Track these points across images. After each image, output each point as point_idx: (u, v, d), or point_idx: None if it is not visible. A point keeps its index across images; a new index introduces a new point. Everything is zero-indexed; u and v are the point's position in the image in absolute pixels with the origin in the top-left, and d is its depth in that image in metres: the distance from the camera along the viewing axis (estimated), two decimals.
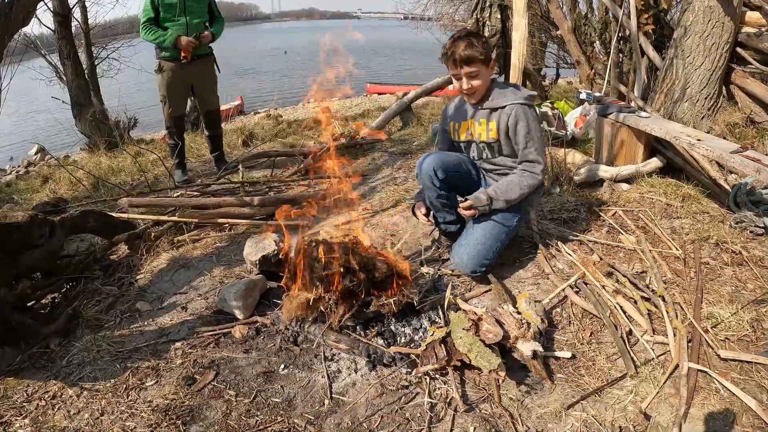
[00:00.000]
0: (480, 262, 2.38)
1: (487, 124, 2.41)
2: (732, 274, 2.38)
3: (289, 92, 19.03)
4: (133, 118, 10.10)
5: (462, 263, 2.41)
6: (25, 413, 1.82)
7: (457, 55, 2.23)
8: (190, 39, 3.87)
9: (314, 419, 1.71)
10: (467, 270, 2.40)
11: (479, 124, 2.44)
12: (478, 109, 2.43)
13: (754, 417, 1.61)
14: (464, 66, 2.26)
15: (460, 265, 2.43)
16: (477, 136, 2.47)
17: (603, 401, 1.72)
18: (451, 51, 2.26)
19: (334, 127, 5.10)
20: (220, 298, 2.30)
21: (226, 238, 3.06)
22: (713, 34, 3.68)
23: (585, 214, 3.06)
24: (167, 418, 1.73)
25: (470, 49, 2.21)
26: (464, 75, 2.29)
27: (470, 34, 2.26)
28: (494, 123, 2.39)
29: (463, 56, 2.23)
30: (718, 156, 2.76)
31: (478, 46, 2.22)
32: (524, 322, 1.92)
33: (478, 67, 2.26)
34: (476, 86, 2.32)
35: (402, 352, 1.95)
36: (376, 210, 3.38)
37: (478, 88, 2.33)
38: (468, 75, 2.28)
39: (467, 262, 2.38)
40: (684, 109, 3.90)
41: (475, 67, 2.25)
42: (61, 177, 5.17)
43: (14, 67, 5.92)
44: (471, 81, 2.30)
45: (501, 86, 2.41)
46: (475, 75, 2.28)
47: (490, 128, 2.41)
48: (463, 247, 2.43)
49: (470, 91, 2.34)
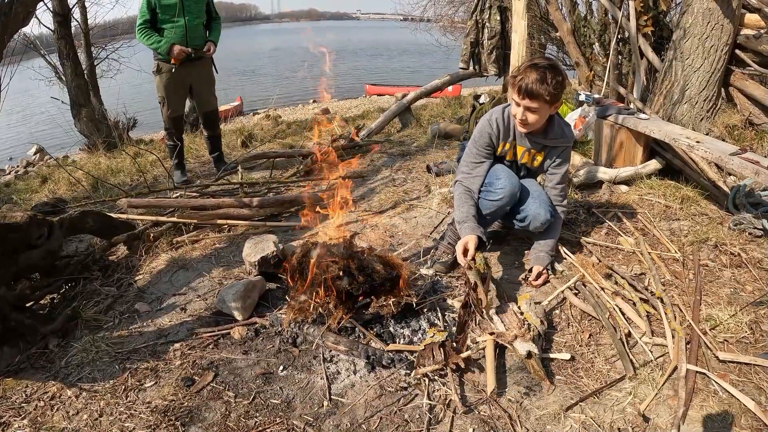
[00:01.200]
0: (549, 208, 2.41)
1: (535, 155, 2.45)
2: (731, 276, 2.39)
3: (289, 93, 19.04)
4: (132, 119, 10.11)
5: (538, 212, 2.39)
6: (23, 414, 1.82)
7: (524, 85, 2.11)
8: (182, 48, 3.88)
9: (313, 420, 1.71)
10: (546, 217, 2.39)
11: (528, 153, 2.45)
12: (532, 141, 2.39)
13: (752, 418, 1.61)
14: (526, 99, 2.14)
15: (536, 215, 2.40)
16: (521, 160, 2.49)
17: (602, 403, 1.73)
18: (521, 78, 2.13)
19: (333, 129, 5.10)
20: (219, 299, 2.30)
21: (225, 239, 3.06)
22: (712, 36, 3.69)
23: (584, 215, 3.06)
24: (166, 419, 1.73)
25: (540, 85, 2.08)
26: (523, 106, 2.18)
27: (550, 67, 2.11)
28: (542, 156, 2.44)
29: (529, 90, 2.11)
30: (717, 158, 2.77)
31: (549, 84, 2.08)
32: (526, 323, 1.93)
33: (541, 105, 2.14)
34: (531, 121, 2.22)
35: (401, 351, 1.95)
36: (374, 211, 3.38)
37: (532, 123, 2.23)
38: (527, 108, 2.18)
39: (542, 210, 2.38)
40: (683, 110, 3.90)
41: (536, 104, 2.14)
42: (60, 177, 5.17)
43: (14, 67, 5.91)
44: (528, 114, 2.19)
45: (560, 125, 2.38)
46: (534, 110, 2.18)
47: (536, 159, 2.46)
48: (530, 203, 2.43)
49: (523, 123, 2.24)
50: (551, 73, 2.09)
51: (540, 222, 2.40)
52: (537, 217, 2.40)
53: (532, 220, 2.43)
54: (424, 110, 7.91)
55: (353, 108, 15.26)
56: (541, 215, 2.39)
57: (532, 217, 2.42)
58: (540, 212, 2.39)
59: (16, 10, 2.74)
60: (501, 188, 2.35)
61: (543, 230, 2.47)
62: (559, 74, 2.13)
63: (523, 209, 2.46)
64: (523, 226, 2.51)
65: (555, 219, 2.47)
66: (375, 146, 2.87)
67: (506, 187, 2.34)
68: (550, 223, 2.43)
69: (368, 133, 5.88)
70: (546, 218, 2.39)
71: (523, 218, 2.47)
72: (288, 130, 8.09)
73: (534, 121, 2.22)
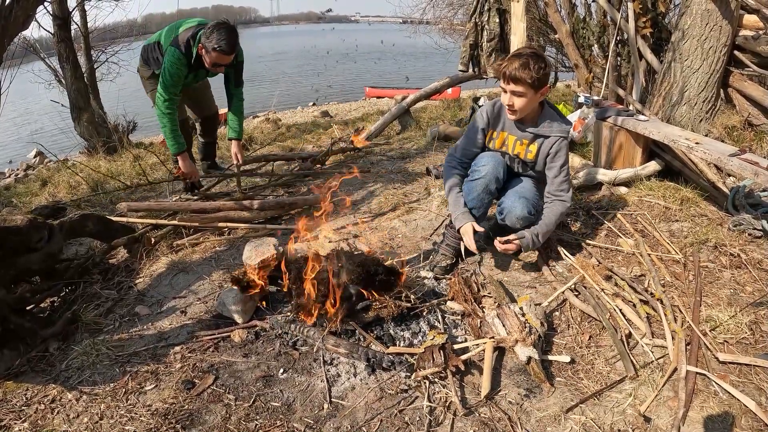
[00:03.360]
0: (528, 205, 2.43)
1: (528, 146, 2.46)
2: (730, 277, 2.39)
3: (288, 95, 19.06)
4: (132, 122, 10.10)
5: (513, 206, 2.43)
6: (24, 417, 1.82)
7: (508, 71, 2.23)
8: (192, 168, 3.59)
9: (313, 423, 1.71)
10: (523, 213, 2.41)
11: (520, 143, 2.47)
12: (523, 130, 2.44)
13: (752, 419, 1.62)
14: (511, 83, 2.24)
15: (511, 208, 2.44)
16: (513, 151, 2.50)
17: (602, 404, 1.73)
18: (506, 65, 2.25)
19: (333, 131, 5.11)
20: (220, 302, 2.30)
21: (225, 242, 3.06)
22: (711, 38, 3.70)
23: (583, 217, 3.06)
24: (166, 422, 1.73)
25: (523, 70, 2.18)
26: (509, 91, 2.28)
27: (533, 55, 2.22)
28: (535, 147, 2.45)
29: (512, 75, 2.21)
30: (717, 159, 2.77)
31: (532, 69, 2.18)
32: (527, 326, 1.93)
33: (525, 89, 2.23)
34: (518, 106, 2.30)
35: (401, 353, 1.95)
36: (375, 214, 3.38)
37: (520, 108, 2.31)
38: (513, 92, 2.27)
39: (519, 204, 2.42)
40: (682, 112, 3.91)
41: (521, 88, 2.23)
42: (60, 180, 5.16)
43: (14, 70, 5.92)
44: (514, 98, 2.29)
45: (552, 115, 2.41)
46: (520, 95, 2.27)
47: (530, 150, 2.46)
48: (509, 196, 2.47)
49: (511, 108, 2.33)
50: (533, 60, 2.20)
51: (515, 216, 2.44)
52: (512, 211, 2.44)
53: (507, 213, 2.47)
54: (423, 112, 7.92)
55: (353, 110, 15.26)
56: (516, 210, 2.42)
57: (507, 210, 2.47)
58: (516, 206, 2.42)
59: (15, 14, 2.74)
60: (483, 165, 2.47)
61: (521, 227, 2.47)
62: (542, 61, 2.23)
63: (503, 201, 2.52)
64: (501, 219, 2.55)
65: (536, 216, 2.46)
66: (355, 169, 2.85)
67: (488, 165, 2.46)
68: (529, 220, 2.45)
69: (368, 135, 5.89)
70: (521, 214, 2.41)
71: (501, 211, 2.52)
72: (288, 133, 8.11)
73: (522, 105, 2.30)
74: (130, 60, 10.56)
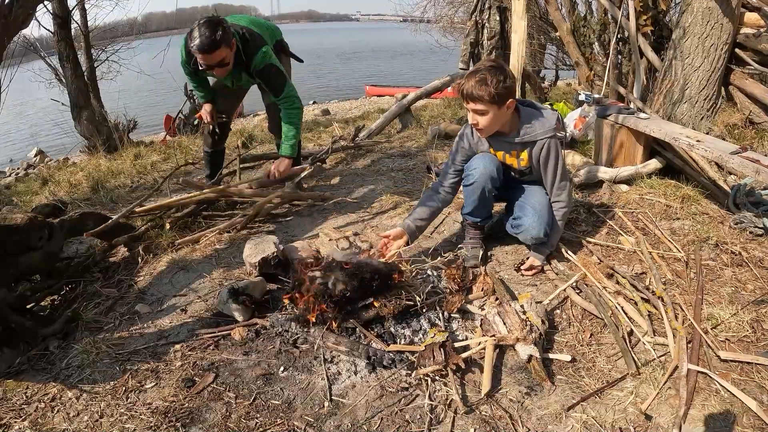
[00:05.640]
0: (546, 227, 2.39)
1: (518, 156, 2.42)
2: (732, 275, 2.38)
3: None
4: (132, 121, 10.11)
5: (531, 226, 2.39)
6: (24, 415, 1.82)
7: (465, 90, 2.15)
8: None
9: (314, 421, 1.71)
10: (539, 234, 2.38)
11: (510, 155, 2.43)
12: (509, 142, 2.37)
13: (754, 418, 1.61)
14: (470, 102, 2.17)
15: (529, 228, 2.40)
16: (506, 163, 2.47)
17: (603, 402, 1.72)
18: (462, 84, 2.17)
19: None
20: (220, 300, 2.30)
21: (226, 240, 3.05)
22: (712, 35, 3.69)
23: (584, 215, 3.06)
24: (167, 420, 1.73)
25: (479, 87, 2.10)
26: (471, 110, 2.21)
27: (491, 69, 2.12)
28: (526, 154, 2.39)
29: (470, 94, 2.14)
30: (718, 157, 2.76)
31: (490, 85, 2.08)
32: (528, 324, 1.93)
33: (486, 107, 2.15)
34: (483, 125, 2.22)
35: (402, 351, 1.95)
36: (375, 212, 3.38)
37: (485, 126, 2.23)
38: (475, 111, 2.19)
39: (537, 225, 2.37)
40: (683, 110, 3.91)
41: (482, 106, 2.15)
42: (60, 179, 5.17)
43: (14, 69, 5.92)
44: (477, 117, 2.21)
45: (530, 115, 2.31)
46: (482, 113, 2.19)
47: (522, 158, 2.42)
48: (528, 213, 2.43)
49: (475, 126, 2.27)
50: (491, 74, 2.10)
51: (531, 236, 2.42)
52: (529, 230, 2.41)
53: (524, 231, 2.45)
54: (424, 111, 7.90)
55: (353, 109, 15.26)
56: (534, 230, 2.39)
57: (524, 229, 2.44)
58: (534, 227, 2.39)
59: (15, 12, 2.75)
60: (475, 168, 2.40)
61: (532, 244, 2.49)
62: (501, 74, 2.12)
63: (520, 216, 2.48)
64: (514, 232, 2.54)
65: (548, 235, 2.44)
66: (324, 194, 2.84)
67: (479, 168, 2.39)
68: (542, 241, 2.44)
69: (368, 134, 5.87)
70: (537, 235, 2.39)
71: (518, 225, 2.49)
72: None
73: (486, 123, 2.22)
74: (131, 59, 10.58)
